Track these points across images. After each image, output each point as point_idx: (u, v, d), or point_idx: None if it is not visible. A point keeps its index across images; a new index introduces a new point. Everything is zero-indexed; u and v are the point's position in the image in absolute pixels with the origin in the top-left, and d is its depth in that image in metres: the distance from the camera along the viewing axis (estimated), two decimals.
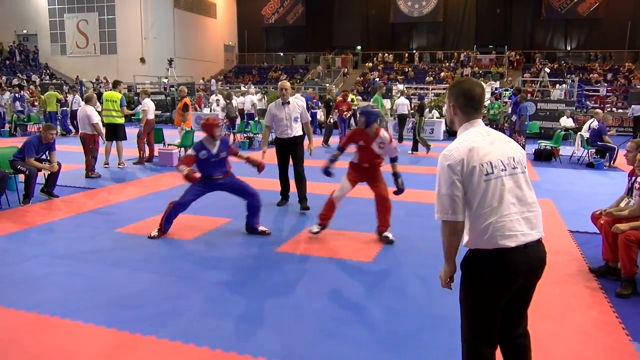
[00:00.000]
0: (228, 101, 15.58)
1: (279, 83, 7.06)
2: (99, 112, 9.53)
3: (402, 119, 15.80)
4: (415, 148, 13.18)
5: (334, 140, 14.53)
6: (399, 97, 17.01)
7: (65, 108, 17.01)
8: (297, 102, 6.96)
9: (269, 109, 6.82)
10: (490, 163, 2.18)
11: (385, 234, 5.41)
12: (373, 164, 5.52)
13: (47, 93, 16.66)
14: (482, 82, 24.41)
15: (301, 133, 6.75)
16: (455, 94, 2.34)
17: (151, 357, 3.09)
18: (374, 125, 5.36)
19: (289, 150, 6.74)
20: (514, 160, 2.25)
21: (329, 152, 12.56)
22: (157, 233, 5.48)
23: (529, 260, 2.22)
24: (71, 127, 16.87)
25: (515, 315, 2.39)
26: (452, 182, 2.21)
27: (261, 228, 5.68)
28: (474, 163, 2.17)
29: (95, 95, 9.64)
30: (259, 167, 5.89)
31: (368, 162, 5.51)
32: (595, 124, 11.65)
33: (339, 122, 14.23)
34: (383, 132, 5.41)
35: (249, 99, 18.09)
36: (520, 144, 12.09)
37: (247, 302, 3.89)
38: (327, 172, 5.75)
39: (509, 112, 14.06)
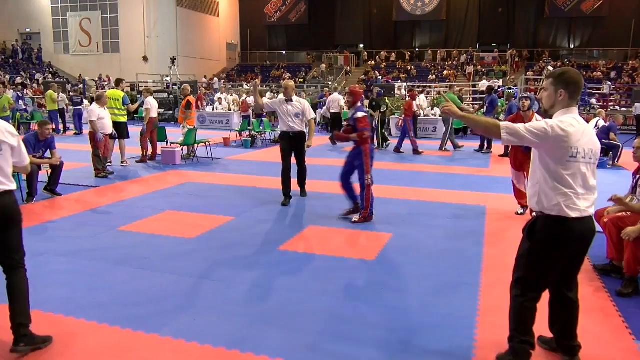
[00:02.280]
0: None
1: (283, 82, 7.40)
2: None
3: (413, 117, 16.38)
4: (379, 144, 13.49)
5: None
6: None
7: (77, 107, 17.00)
8: (300, 100, 7.21)
9: (278, 100, 7.30)
10: (577, 148, 2.64)
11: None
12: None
13: (48, 92, 16.71)
14: (485, 80, 24.28)
15: (302, 129, 7.06)
16: (566, 81, 2.72)
17: (154, 355, 3.10)
18: (531, 111, 5.80)
19: (292, 145, 7.03)
20: (592, 152, 2.70)
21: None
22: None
23: (582, 230, 2.72)
24: (61, 126, 16.91)
25: (570, 277, 2.92)
26: (530, 133, 2.64)
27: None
28: (566, 144, 2.62)
29: (105, 94, 9.60)
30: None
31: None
32: (601, 122, 11.60)
33: (410, 124, 12.94)
34: (537, 117, 5.63)
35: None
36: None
37: (249, 301, 3.89)
38: None
39: (484, 110, 14.01)
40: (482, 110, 14.45)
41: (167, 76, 25.93)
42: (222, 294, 4.01)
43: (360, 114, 6.01)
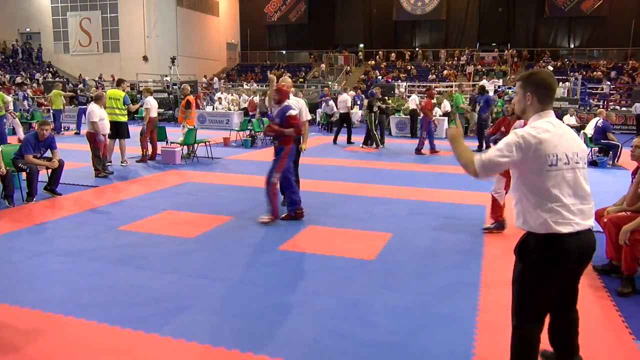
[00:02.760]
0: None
1: (280, 79, 6.72)
2: None
3: (412, 115, 16.65)
4: (365, 142, 13.79)
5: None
6: (409, 96, 17.89)
7: (83, 107, 17.03)
8: (297, 99, 6.59)
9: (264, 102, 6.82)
10: (556, 155, 2.34)
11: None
12: None
13: (54, 91, 16.71)
14: (485, 80, 24.39)
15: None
16: (535, 83, 2.46)
17: (154, 354, 3.10)
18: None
19: None
20: (577, 155, 2.41)
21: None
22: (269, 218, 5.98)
23: (579, 246, 2.41)
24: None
25: (569, 297, 2.67)
26: (504, 155, 2.36)
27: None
28: (542, 152, 2.33)
29: (104, 94, 9.59)
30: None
31: None
32: (600, 122, 11.62)
33: (427, 123, 12.67)
34: (520, 122, 5.33)
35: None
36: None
37: (249, 300, 3.89)
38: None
39: (478, 110, 13.96)
40: (477, 109, 14.44)
41: (167, 76, 25.93)
42: (222, 293, 4.01)
43: (293, 112, 5.95)
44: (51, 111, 16.82)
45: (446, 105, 17.76)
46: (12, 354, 3.06)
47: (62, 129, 16.75)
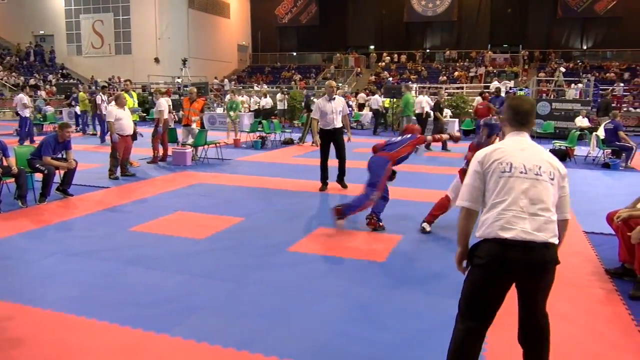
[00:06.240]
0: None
1: (327, 82, 8.39)
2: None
3: (419, 117, 16.53)
4: (301, 139, 14.93)
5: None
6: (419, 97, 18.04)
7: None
8: (341, 98, 8.17)
9: (317, 103, 7.98)
10: (511, 164, 2.43)
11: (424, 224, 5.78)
12: None
13: (79, 94, 17.44)
14: (496, 81, 24.16)
15: (342, 125, 7.95)
16: (506, 108, 2.69)
17: (164, 354, 3.12)
18: (493, 137, 5.45)
19: (332, 139, 7.91)
20: (539, 168, 2.44)
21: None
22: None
23: (527, 259, 2.35)
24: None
25: (531, 306, 2.57)
26: (474, 174, 2.51)
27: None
28: (494, 160, 2.46)
29: (123, 94, 9.53)
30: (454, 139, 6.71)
31: None
32: (609, 123, 11.51)
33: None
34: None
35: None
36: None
37: (259, 302, 3.90)
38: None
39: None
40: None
41: (179, 77, 26.10)
42: (232, 294, 4.03)
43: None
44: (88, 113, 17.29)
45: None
46: (24, 353, 3.10)
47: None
